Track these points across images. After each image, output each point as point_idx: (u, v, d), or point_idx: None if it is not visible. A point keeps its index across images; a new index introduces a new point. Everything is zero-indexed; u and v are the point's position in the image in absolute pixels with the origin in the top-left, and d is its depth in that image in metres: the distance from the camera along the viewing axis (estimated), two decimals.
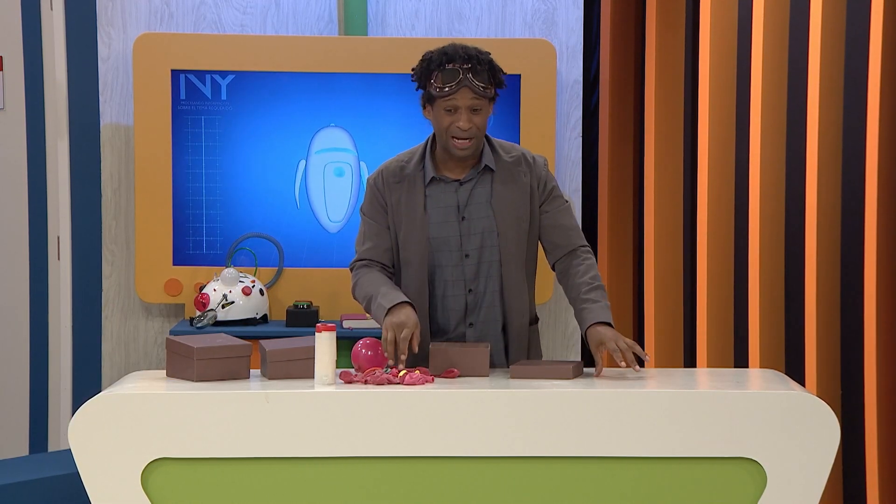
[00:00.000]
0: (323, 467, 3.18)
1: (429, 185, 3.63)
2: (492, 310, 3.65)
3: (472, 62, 3.52)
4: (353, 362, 3.41)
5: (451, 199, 3.62)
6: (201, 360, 3.27)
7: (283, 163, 5.21)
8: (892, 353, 3.68)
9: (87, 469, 3.15)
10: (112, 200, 5.31)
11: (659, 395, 3.19)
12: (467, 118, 3.52)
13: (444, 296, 3.64)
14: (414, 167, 3.65)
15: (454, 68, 3.52)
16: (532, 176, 3.65)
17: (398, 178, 3.65)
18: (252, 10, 5.30)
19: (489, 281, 3.64)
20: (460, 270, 3.63)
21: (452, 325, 3.66)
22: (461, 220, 3.62)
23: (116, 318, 5.33)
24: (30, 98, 5.32)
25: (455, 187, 3.63)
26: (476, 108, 3.53)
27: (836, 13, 3.84)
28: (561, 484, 3.18)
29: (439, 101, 3.53)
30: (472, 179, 3.63)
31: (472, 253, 3.62)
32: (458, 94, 3.51)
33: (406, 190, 3.63)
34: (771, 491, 3.16)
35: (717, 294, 4.42)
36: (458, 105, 3.52)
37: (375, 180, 3.68)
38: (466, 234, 3.62)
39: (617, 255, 5.36)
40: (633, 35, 5.31)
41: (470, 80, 3.51)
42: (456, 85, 3.51)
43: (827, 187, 3.85)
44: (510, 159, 3.65)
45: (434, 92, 3.53)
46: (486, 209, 3.62)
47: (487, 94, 3.53)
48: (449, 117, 3.53)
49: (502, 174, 3.63)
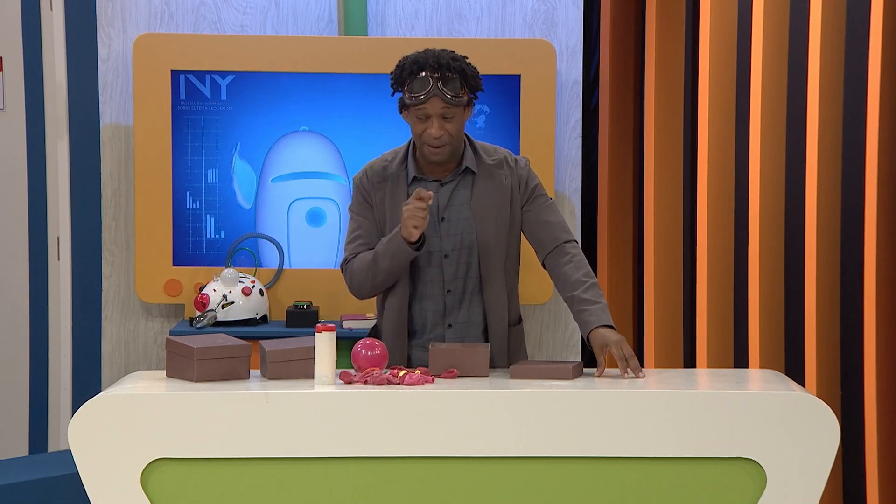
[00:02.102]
0: (323, 467, 3.18)
1: (411, 184, 3.65)
2: (471, 311, 3.66)
3: (442, 71, 3.53)
4: (353, 362, 3.41)
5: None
6: (201, 360, 3.27)
7: (283, 162, 5.21)
8: (892, 353, 3.68)
9: (86, 469, 3.15)
10: (112, 200, 5.31)
11: (659, 395, 3.19)
12: (439, 126, 3.54)
13: (422, 296, 3.65)
14: (397, 167, 3.67)
15: (425, 77, 3.53)
16: (513, 177, 3.66)
17: (382, 177, 3.67)
18: (252, 10, 5.30)
19: (468, 282, 3.65)
20: (439, 271, 3.64)
21: (431, 325, 3.66)
22: (440, 220, 3.63)
23: (116, 319, 5.33)
24: (30, 98, 5.32)
25: (436, 188, 3.64)
26: (448, 116, 3.54)
27: (836, 13, 3.84)
28: (561, 484, 3.19)
29: (411, 108, 3.55)
30: (452, 181, 3.65)
31: (451, 254, 3.63)
32: (429, 103, 3.53)
33: (389, 189, 3.65)
34: (771, 491, 3.16)
35: (717, 294, 4.42)
36: (429, 113, 3.53)
37: (361, 179, 3.71)
38: (446, 234, 3.63)
39: (617, 255, 5.36)
40: (633, 35, 5.31)
41: (440, 89, 3.52)
42: (426, 95, 3.52)
43: (827, 187, 3.85)
44: (492, 162, 3.67)
45: (406, 100, 3.55)
46: (465, 211, 3.64)
47: (459, 102, 3.54)
48: (421, 124, 3.56)
49: (483, 176, 3.65)
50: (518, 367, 3.38)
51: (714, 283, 4.41)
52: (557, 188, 5.31)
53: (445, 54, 3.56)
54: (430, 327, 3.66)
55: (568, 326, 5.40)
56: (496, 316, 3.66)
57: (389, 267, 3.57)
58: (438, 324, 3.66)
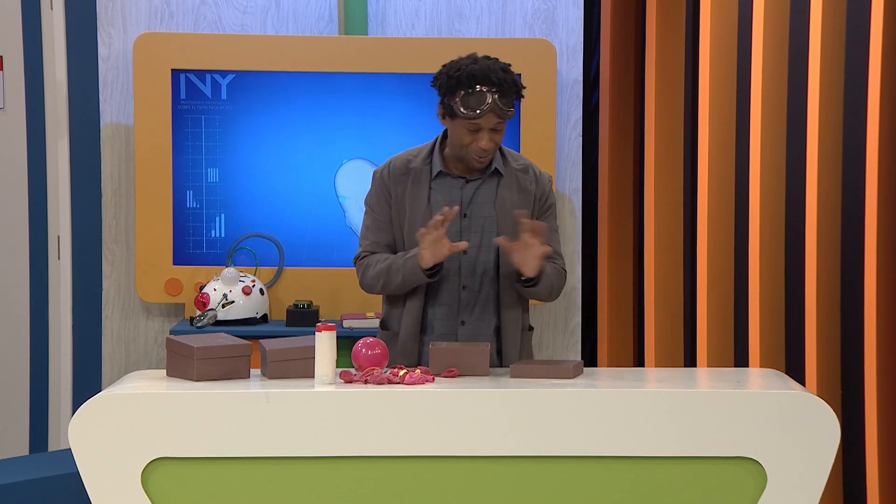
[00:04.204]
0: (323, 467, 3.18)
1: (435, 178, 3.64)
2: (485, 310, 3.66)
3: (500, 86, 3.50)
4: (354, 362, 3.41)
5: (456, 195, 3.64)
6: (201, 359, 3.27)
7: (283, 162, 5.21)
8: (892, 352, 3.68)
9: (87, 468, 3.15)
10: (112, 200, 5.31)
11: (659, 394, 3.19)
12: (489, 139, 3.54)
13: (438, 290, 3.65)
14: (421, 162, 3.67)
15: (481, 92, 3.50)
16: (537, 187, 3.68)
17: (404, 171, 3.67)
18: (252, 9, 5.30)
19: (484, 279, 3.65)
20: (456, 266, 3.64)
21: (444, 320, 3.66)
22: (463, 216, 3.63)
23: (116, 318, 5.33)
24: (30, 98, 5.32)
25: (461, 184, 3.65)
26: (498, 129, 3.54)
27: (836, 13, 3.84)
28: (561, 483, 3.19)
29: (462, 120, 3.52)
30: (478, 179, 3.65)
31: (470, 250, 3.63)
32: (485, 117, 3.51)
33: (412, 183, 3.65)
34: (771, 490, 3.16)
35: (717, 294, 4.42)
36: (481, 127, 3.52)
37: (382, 173, 3.70)
38: (466, 230, 3.63)
39: (617, 255, 5.35)
40: (633, 35, 5.30)
41: (497, 105, 3.50)
42: (484, 110, 3.50)
43: (827, 187, 3.85)
44: (518, 167, 3.68)
45: (458, 112, 3.52)
46: (489, 209, 3.64)
47: (510, 115, 3.54)
48: (470, 136, 3.54)
49: (509, 179, 3.66)
50: (518, 366, 3.39)
51: (714, 283, 4.41)
52: (558, 188, 5.31)
53: (498, 66, 3.53)
54: (444, 322, 3.66)
55: (568, 325, 5.40)
56: (512, 319, 3.66)
57: (402, 283, 3.59)
58: (452, 320, 3.66)
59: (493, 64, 3.53)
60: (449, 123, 3.58)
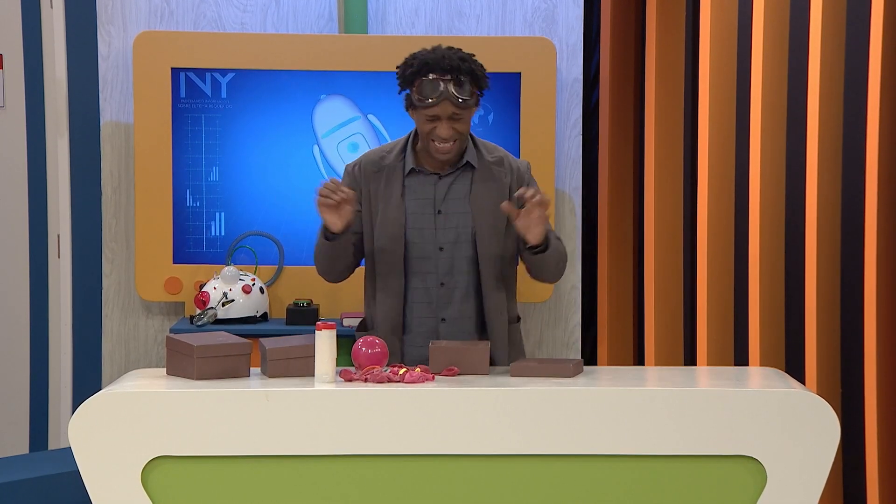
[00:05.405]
0: (323, 465, 3.18)
1: (408, 175, 3.64)
2: (465, 306, 3.65)
3: (454, 73, 3.50)
4: (354, 360, 3.41)
5: (429, 192, 3.63)
6: (201, 358, 3.27)
7: (283, 161, 5.21)
8: (892, 352, 3.68)
9: (87, 467, 3.15)
10: (112, 198, 5.31)
11: (659, 393, 3.19)
12: (447, 126, 3.54)
13: (415, 288, 3.65)
14: (394, 158, 3.67)
15: (434, 80, 3.50)
16: (513, 177, 3.66)
17: (377, 167, 3.67)
18: (252, 8, 5.30)
19: (462, 276, 3.65)
20: (433, 263, 3.64)
21: (424, 318, 3.65)
22: (437, 213, 3.63)
23: (116, 317, 5.33)
24: (30, 96, 5.32)
25: (434, 180, 3.65)
26: (457, 117, 3.53)
27: (836, 13, 3.84)
28: (561, 482, 3.19)
29: (420, 109, 3.53)
30: (451, 174, 3.65)
31: (447, 247, 3.63)
32: (439, 106, 3.51)
33: (385, 179, 3.65)
34: (771, 489, 3.17)
35: (717, 293, 4.42)
36: (438, 115, 3.52)
37: (353, 169, 3.71)
38: (442, 227, 3.63)
39: (617, 254, 5.36)
40: (633, 34, 5.30)
41: (451, 92, 3.50)
42: (437, 98, 3.50)
43: (827, 187, 3.85)
44: (492, 159, 3.67)
45: (415, 101, 3.53)
46: (463, 204, 3.64)
47: (469, 104, 3.53)
48: (430, 124, 3.55)
49: (483, 172, 3.65)
50: (518, 364, 3.39)
51: (714, 281, 4.41)
52: (558, 186, 5.31)
53: (454, 54, 3.53)
54: (424, 320, 3.66)
55: (568, 324, 5.40)
56: (495, 311, 3.66)
57: (324, 254, 3.60)
58: (432, 317, 3.66)
59: (449, 52, 3.54)
60: (413, 115, 3.59)
